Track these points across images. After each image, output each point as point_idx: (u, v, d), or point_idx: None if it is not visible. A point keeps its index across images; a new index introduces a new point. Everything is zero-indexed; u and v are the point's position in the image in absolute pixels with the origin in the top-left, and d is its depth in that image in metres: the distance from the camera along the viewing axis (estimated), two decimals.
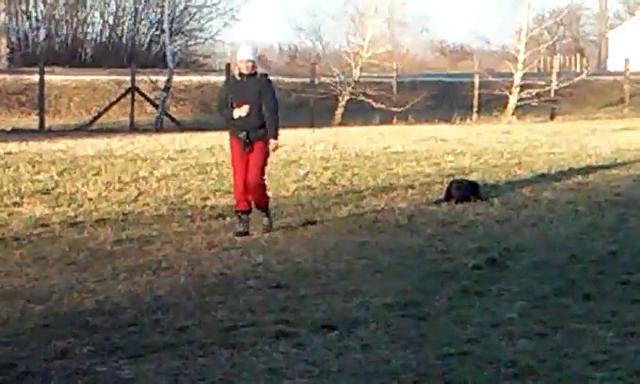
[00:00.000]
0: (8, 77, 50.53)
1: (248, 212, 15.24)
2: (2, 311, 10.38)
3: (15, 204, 17.34)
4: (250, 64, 15.05)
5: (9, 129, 39.36)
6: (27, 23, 66.27)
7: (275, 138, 15.23)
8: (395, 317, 10.18)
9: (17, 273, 12.29)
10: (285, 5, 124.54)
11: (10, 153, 25.40)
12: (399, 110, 46.22)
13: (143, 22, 66.85)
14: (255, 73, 15.24)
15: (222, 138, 31.11)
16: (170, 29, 49.92)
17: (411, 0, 57.95)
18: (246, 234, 14.99)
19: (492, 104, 49.15)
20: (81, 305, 10.66)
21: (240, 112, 14.93)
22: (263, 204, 15.50)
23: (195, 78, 53.48)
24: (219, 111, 16.53)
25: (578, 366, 8.52)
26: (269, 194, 15.96)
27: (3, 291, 11.30)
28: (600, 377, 8.20)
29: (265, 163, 15.45)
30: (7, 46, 60.66)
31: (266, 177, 15.76)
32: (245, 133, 14.98)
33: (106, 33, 68.79)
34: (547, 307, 10.49)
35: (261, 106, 15.00)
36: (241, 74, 15.28)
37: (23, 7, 65.79)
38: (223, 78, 47.12)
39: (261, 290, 11.36)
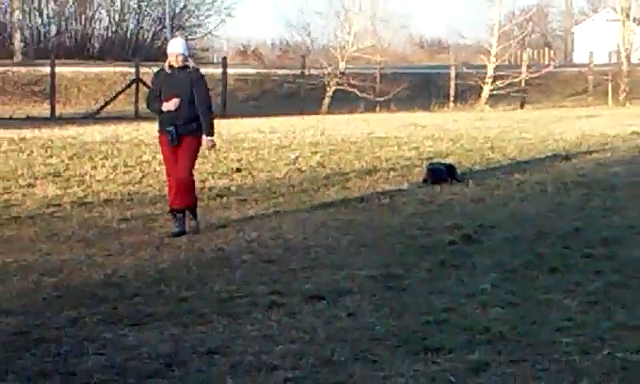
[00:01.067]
0: (22, 69, 50.42)
1: (183, 211, 13.65)
2: (17, 284, 10.40)
3: (29, 185, 17.32)
4: (180, 57, 13.62)
5: (23, 116, 39.33)
6: (39, 20, 66.21)
7: (209, 135, 13.81)
8: (378, 288, 10.21)
9: (31, 248, 12.30)
10: (276, 3, 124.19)
11: (24, 139, 25.33)
12: (382, 99, 46.20)
13: (146, 19, 66.78)
14: (186, 66, 13.79)
15: (221, 125, 31.15)
16: (171, 25, 49.93)
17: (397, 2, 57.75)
18: (183, 233, 13.43)
19: (467, 93, 49.15)
20: (90, 278, 10.67)
21: (169, 106, 13.39)
22: (190, 203, 13.78)
23: None
24: (148, 105, 14.68)
25: (546, 332, 8.57)
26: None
27: (18, 265, 11.31)
28: (565, 342, 8.25)
29: (194, 159, 13.95)
30: (21, 41, 60.44)
31: (194, 175, 14.18)
32: (173, 127, 13.46)
33: (112, 28, 68.72)
34: (517, 279, 10.53)
35: (191, 99, 13.55)
36: (171, 67, 13.71)
37: (36, 5, 65.61)
38: (220, 70, 47.38)
39: (255, 264, 11.39)
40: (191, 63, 14.20)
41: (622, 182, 18.11)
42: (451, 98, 48.26)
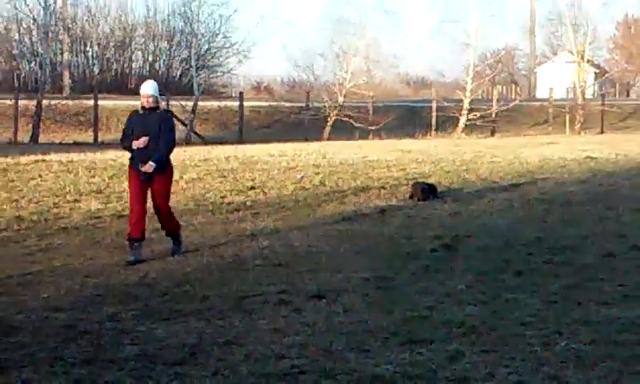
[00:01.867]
0: (70, 102, 50.43)
1: (140, 240, 12.36)
2: (65, 284, 10.41)
3: (75, 201, 17.33)
4: (150, 99, 12.44)
5: (70, 142, 39.37)
6: (85, 60, 66.26)
7: (155, 161, 12.30)
8: (370, 288, 10.21)
9: (76, 254, 12.31)
10: (285, 46, 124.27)
11: (71, 161, 25.35)
12: (374, 128, 46.17)
13: (175, 59, 66.83)
14: (157, 108, 12.60)
15: (238, 150, 31.22)
16: (196, 65, 49.86)
17: (383, 42, 57.74)
18: (140, 261, 12.02)
19: (446, 124, 49.13)
20: (126, 279, 10.69)
21: (138, 143, 12.26)
22: (173, 230, 12.86)
23: (215, 103, 53.39)
24: (121, 142, 13.32)
25: (512, 326, 8.57)
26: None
27: (66, 269, 11.33)
28: (529, 334, 8.26)
29: (168, 191, 12.94)
30: (69, 78, 60.57)
31: (170, 204, 13.08)
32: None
33: (146, 67, 68.76)
34: (488, 281, 10.52)
35: (159, 139, 12.34)
36: (143, 108, 12.54)
37: (82, 48, 65.77)
38: (237, 103, 47.46)
39: (266, 268, 11.39)
40: (161, 105, 13.17)
41: (577, 198, 18.10)
42: (433, 128, 48.26)
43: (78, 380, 7.05)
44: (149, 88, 12.59)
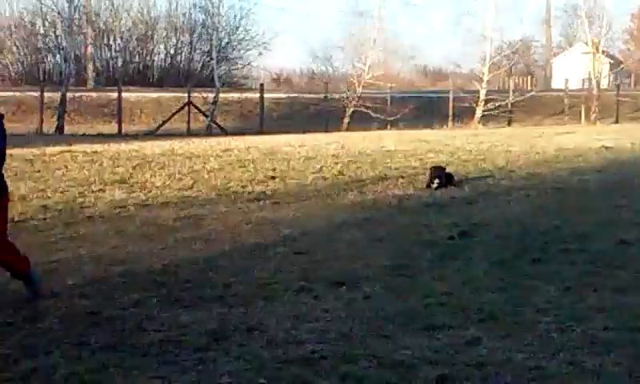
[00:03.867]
0: (94, 94, 50.68)
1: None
2: (90, 272, 10.45)
3: (100, 190, 17.41)
4: None
5: (95, 133, 39.49)
6: (108, 53, 66.42)
7: None
8: (389, 275, 10.22)
9: (101, 243, 12.36)
10: (304, 39, 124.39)
11: (95, 152, 25.46)
12: (392, 118, 46.21)
13: (197, 52, 66.96)
14: None
15: (258, 141, 31.24)
16: (217, 57, 49.91)
17: (401, 34, 57.70)
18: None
19: (463, 114, 49.08)
20: (150, 267, 10.72)
21: None
22: (14, 267, 9.19)
23: (236, 95, 53.51)
24: None
25: (529, 313, 8.56)
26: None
27: (91, 256, 11.37)
28: (545, 321, 8.25)
29: (3, 220, 9.04)
30: (93, 71, 60.78)
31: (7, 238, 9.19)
32: None
33: (168, 60, 68.94)
34: (505, 268, 10.51)
35: None
36: None
37: (105, 41, 65.94)
38: (258, 95, 47.50)
39: (287, 256, 11.40)
40: None
41: (592, 187, 18.07)
42: (450, 118, 48.22)
43: (104, 365, 7.09)
44: None
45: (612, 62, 70.86)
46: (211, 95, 45.99)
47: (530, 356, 7.29)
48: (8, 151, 8.88)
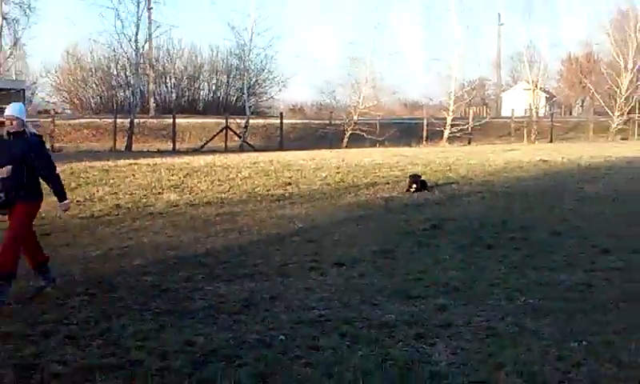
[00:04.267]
0: (154, 120, 50.67)
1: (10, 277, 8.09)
2: (152, 255, 10.47)
3: (159, 193, 17.42)
4: (14, 121, 8.25)
5: (155, 150, 39.46)
6: (165, 89, 66.67)
7: (62, 199, 8.55)
8: (378, 258, 10.22)
9: (160, 233, 12.37)
10: (313, 78, 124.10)
11: (155, 164, 25.44)
12: (380, 139, 46.07)
13: (232, 88, 66.84)
14: (23, 131, 8.31)
15: (279, 156, 31.25)
16: (248, 92, 49.94)
17: (386, 75, 57.38)
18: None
19: (434, 136, 48.95)
20: (196, 251, 10.73)
21: (1, 172, 8.09)
22: (2, 269, 7.99)
23: (262, 121, 53.43)
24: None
25: (484, 286, 8.57)
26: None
27: (152, 243, 11.39)
28: (496, 292, 8.28)
29: (23, 225, 8.28)
30: (154, 102, 60.94)
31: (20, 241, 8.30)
32: (3, 194, 8.20)
33: (211, 94, 69.09)
34: (465, 252, 10.51)
35: (24, 166, 8.17)
36: (8, 133, 8.31)
37: (163, 80, 66.19)
38: (278, 121, 47.60)
39: (300, 243, 11.40)
40: (30, 129, 8.51)
41: (532, 191, 18.02)
42: (424, 138, 48.10)
43: (162, 325, 7.13)
44: (11, 109, 8.37)
45: (547, 96, 70.96)
46: (243, 121, 45.97)
47: (485, 319, 7.30)
48: (90, 163, 8.93)
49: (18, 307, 7.69)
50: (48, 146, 8.65)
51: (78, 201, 15.74)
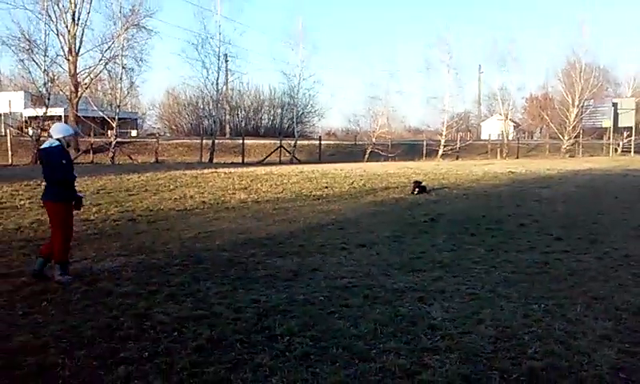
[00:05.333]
0: (229, 141, 50.91)
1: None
2: (228, 237, 10.50)
3: (232, 193, 17.51)
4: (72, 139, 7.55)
5: (230, 162, 39.65)
6: (237, 118, 67.12)
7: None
8: (390, 241, 10.16)
9: (234, 222, 12.41)
10: (343, 111, 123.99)
11: (230, 172, 25.59)
12: (391, 155, 45.84)
13: (285, 118, 67.12)
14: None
15: (318, 167, 31.31)
16: (296, 121, 50.06)
17: (397, 108, 57.25)
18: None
19: (431, 153, 48.55)
20: (259, 235, 10.76)
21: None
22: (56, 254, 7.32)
23: (306, 142, 53.17)
24: (69, 176, 7.34)
25: (468, 263, 8.48)
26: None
27: (228, 229, 11.42)
28: (477, 268, 8.19)
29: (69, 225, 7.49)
30: (229, 128, 61.31)
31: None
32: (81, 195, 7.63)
33: (269, 122, 69.52)
34: (455, 239, 10.41)
35: None
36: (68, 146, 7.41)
37: (236, 112, 66.74)
38: (317, 142, 47.74)
39: (334, 230, 11.35)
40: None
41: (504, 194, 17.80)
42: (423, 155, 47.78)
43: (235, 287, 7.17)
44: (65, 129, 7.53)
45: (514, 124, 70.27)
46: (292, 142, 46.02)
47: (469, 287, 7.24)
48: (184, 172, 9.02)
49: (133, 274, 7.79)
50: (153, 159, 8.68)
51: (175, 198, 15.89)
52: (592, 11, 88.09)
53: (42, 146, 7.53)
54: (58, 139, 7.42)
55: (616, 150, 53.69)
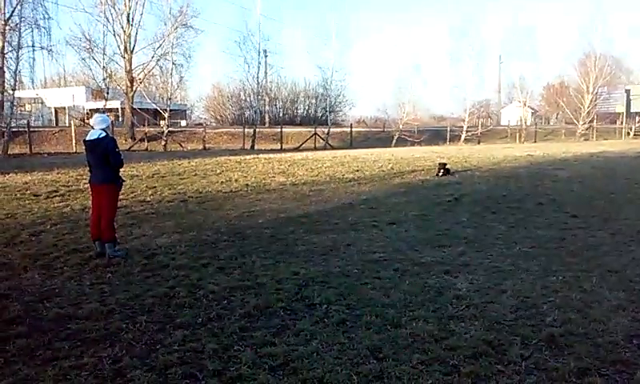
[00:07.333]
0: (269, 129, 50.99)
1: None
2: (269, 216, 10.57)
3: (272, 177, 17.60)
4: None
5: (269, 149, 39.84)
6: (275, 109, 67.31)
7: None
8: (417, 219, 10.10)
9: (274, 203, 12.44)
10: (372, 100, 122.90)
11: (270, 158, 25.74)
12: (418, 140, 45.38)
13: (319, 108, 66.93)
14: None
15: (350, 152, 31.21)
16: (329, 110, 49.92)
17: (422, 97, 56.57)
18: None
19: (455, 138, 47.90)
20: (296, 214, 10.78)
21: None
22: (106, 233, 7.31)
23: (338, 129, 52.94)
24: (122, 159, 7.28)
25: (490, 239, 8.40)
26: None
27: (269, 208, 11.48)
28: (499, 243, 8.10)
29: (115, 207, 7.52)
30: (268, 118, 61.47)
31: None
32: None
33: (305, 112, 69.37)
34: (477, 217, 10.29)
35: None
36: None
37: (274, 103, 66.90)
38: (349, 129, 47.51)
39: (365, 209, 11.33)
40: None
41: (523, 175, 17.47)
42: (447, 140, 47.18)
43: (278, 261, 7.23)
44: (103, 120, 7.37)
45: (532, 111, 68.72)
46: (326, 129, 45.94)
47: (492, 261, 7.16)
48: (229, 157, 9.09)
49: (186, 249, 7.93)
50: (201, 146, 8.71)
51: (221, 181, 16.06)
52: (606, 2, 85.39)
53: (90, 137, 7.25)
54: (102, 130, 7.26)
55: (628, 133, 52.29)
